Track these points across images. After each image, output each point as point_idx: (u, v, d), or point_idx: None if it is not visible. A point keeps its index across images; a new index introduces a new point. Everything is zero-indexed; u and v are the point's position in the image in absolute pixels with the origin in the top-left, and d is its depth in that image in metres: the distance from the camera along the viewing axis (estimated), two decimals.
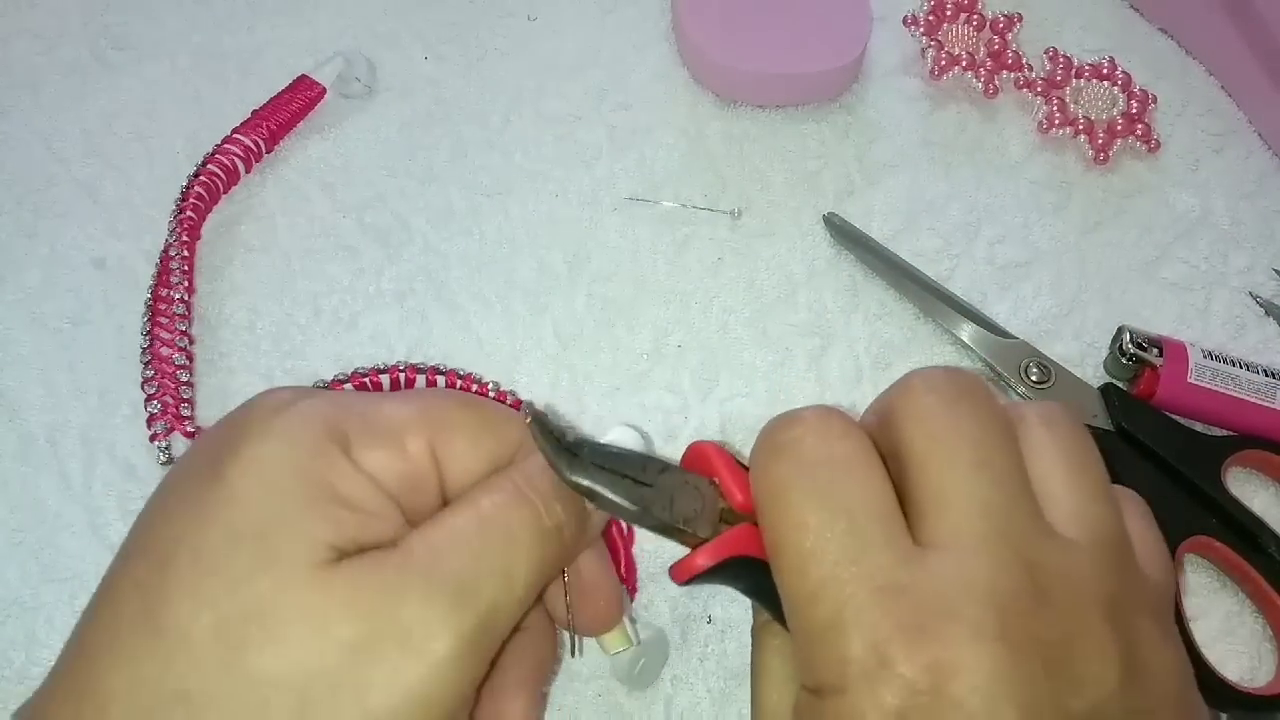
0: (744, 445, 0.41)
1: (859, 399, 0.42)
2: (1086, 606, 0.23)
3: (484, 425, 0.29)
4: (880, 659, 0.22)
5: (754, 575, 0.26)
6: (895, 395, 0.26)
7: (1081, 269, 0.46)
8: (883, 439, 0.26)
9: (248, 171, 0.44)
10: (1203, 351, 0.42)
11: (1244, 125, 0.50)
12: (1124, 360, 0.42)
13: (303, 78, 0.46)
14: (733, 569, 0.26)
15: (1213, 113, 0.51)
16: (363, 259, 0.43)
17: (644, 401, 0.41)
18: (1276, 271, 0.46)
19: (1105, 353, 0.44)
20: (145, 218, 0.43)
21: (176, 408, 0.38)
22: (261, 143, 0.44)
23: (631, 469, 0.27)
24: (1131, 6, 0.54)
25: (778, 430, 0.26)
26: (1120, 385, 0.43)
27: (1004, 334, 0.43)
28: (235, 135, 0.44)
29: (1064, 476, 0.25)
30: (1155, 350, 0.42)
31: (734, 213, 0.46)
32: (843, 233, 0.45)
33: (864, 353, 0.43)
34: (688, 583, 0.26)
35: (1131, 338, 0.42)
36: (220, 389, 0.40)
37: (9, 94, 0.46)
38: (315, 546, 0.24)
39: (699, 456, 0.28)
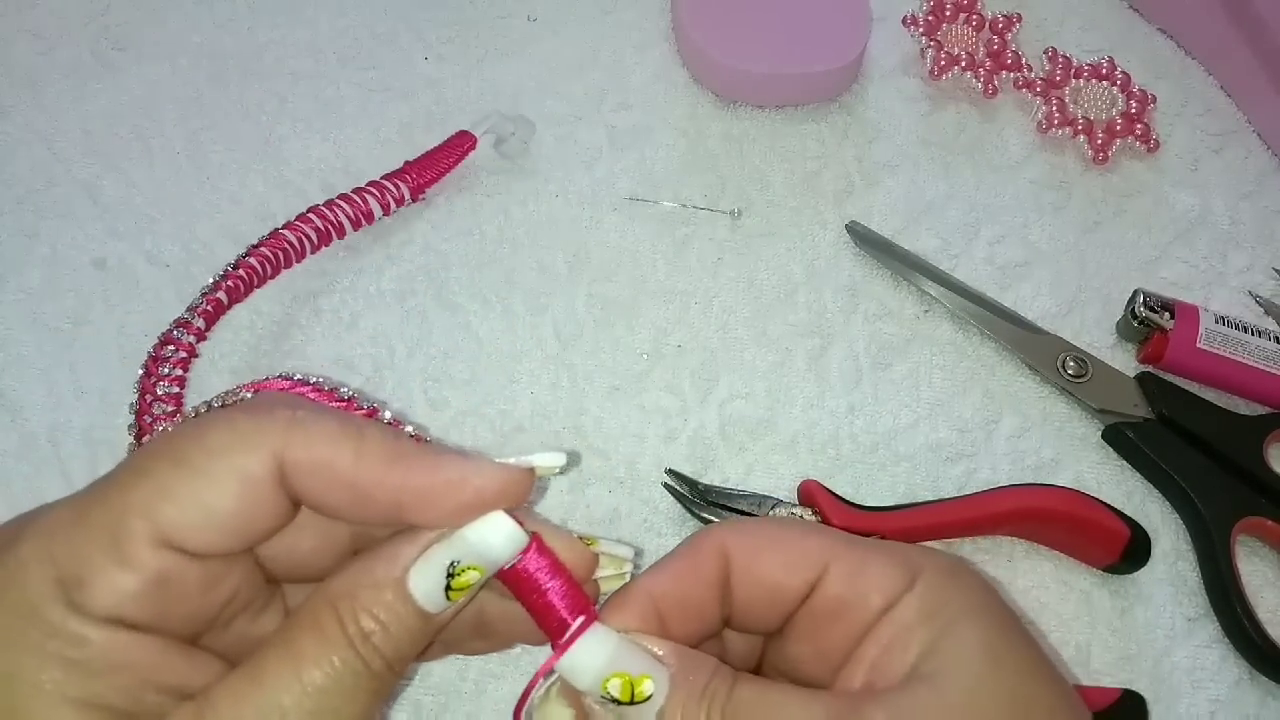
0: (744, 445, 0.41)
1: (859, 399, 0.42)
2: None
3: (196, 474, 0.22)
4: None
5: None
6: None
7: (1081, 269, 0.46)
8: None
9: (385, 215, 0.43)
10: (1215, 316, 0.42)
11: (1243, 125, 0.51)
12: (1135, 323, 0.43)
13: (460, 132, 0.45)
14: None
15: (1212, 113, 0.51)
16: (363, 259, 0.44)
17: (643, 401, 0.41)
18: (1276, 271, 0.46)
19: (1105, 351, 0.44)
20: (145, 218, 0.43)
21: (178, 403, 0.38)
22: (405, 189, 0.43)
23: (748, 505, 0.38)
24: (1131, 6, 0.54)
25: None
26: (1131, 348, 0.43)
27: (1036, 330, 0.43)
28: (382, 179, 0.43)
29: None
30: (1167, 314, 0.42)
31: (734, 213, 0.46)
32: (866, 240, 0.45)
33: (864, 353, 0.43)
34: None
35: (1145, 300, 0.42)
36: (220, 389, 0.40)
37: (10, 94, 0.46)
38: None
39: (805, 492, 0.39)
